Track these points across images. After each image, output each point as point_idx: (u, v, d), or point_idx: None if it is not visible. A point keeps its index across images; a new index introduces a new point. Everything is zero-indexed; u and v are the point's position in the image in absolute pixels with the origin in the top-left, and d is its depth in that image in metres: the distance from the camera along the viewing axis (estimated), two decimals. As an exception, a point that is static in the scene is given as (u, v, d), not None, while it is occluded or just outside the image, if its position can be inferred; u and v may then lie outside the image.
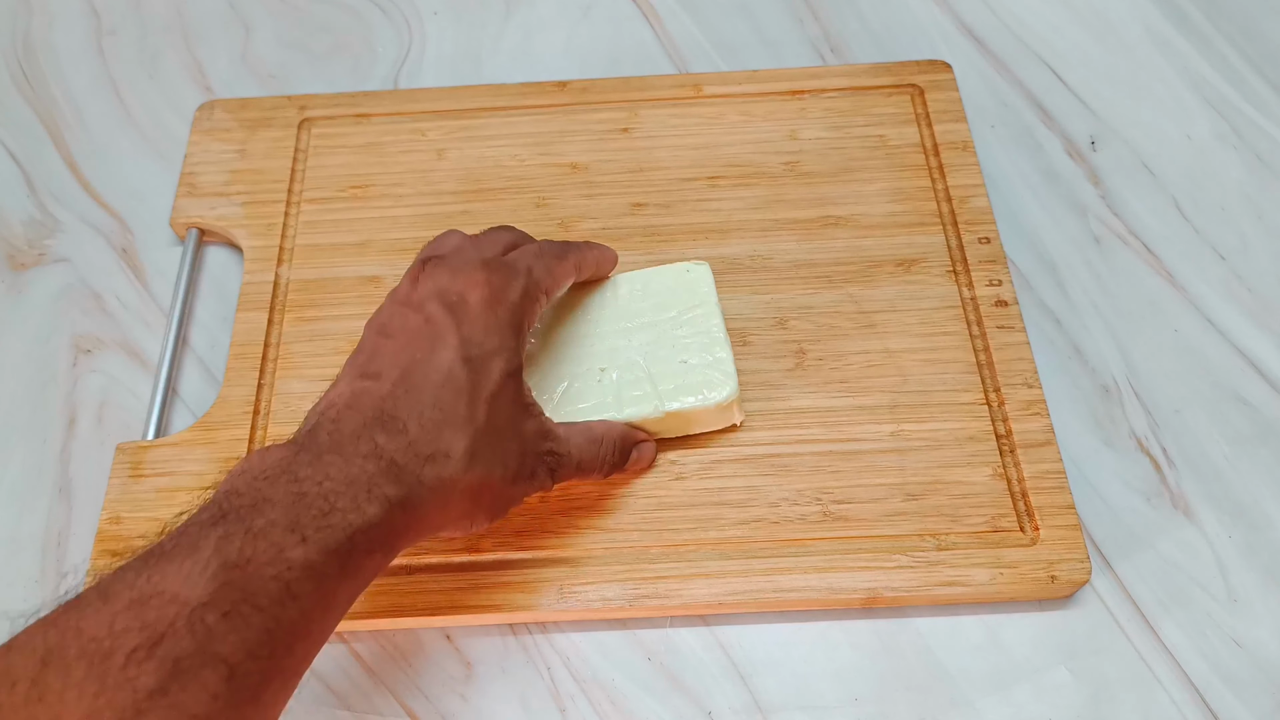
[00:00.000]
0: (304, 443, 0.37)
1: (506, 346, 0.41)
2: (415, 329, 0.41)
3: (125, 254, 0.59)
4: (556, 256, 0.46)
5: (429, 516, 0.38)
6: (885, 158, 0.59)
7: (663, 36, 0.67)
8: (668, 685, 0.46)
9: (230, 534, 0.33)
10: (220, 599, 0.31)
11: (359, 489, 0.36)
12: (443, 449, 0.38)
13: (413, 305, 0.41)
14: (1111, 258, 0.57)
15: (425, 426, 0.38)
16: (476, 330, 0.41)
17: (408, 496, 0.37)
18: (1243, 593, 0.47)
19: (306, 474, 0.35)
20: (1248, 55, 0.64)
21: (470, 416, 0.39)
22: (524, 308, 0.43)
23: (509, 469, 0.41)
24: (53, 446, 0.53)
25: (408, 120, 0.61)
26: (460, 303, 0.41)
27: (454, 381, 0.39)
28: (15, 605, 0.48)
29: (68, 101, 0.65)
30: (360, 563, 0.36)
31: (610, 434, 0.46)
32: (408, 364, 0.40)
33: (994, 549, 0.47)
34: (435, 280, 0.42)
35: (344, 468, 0.36)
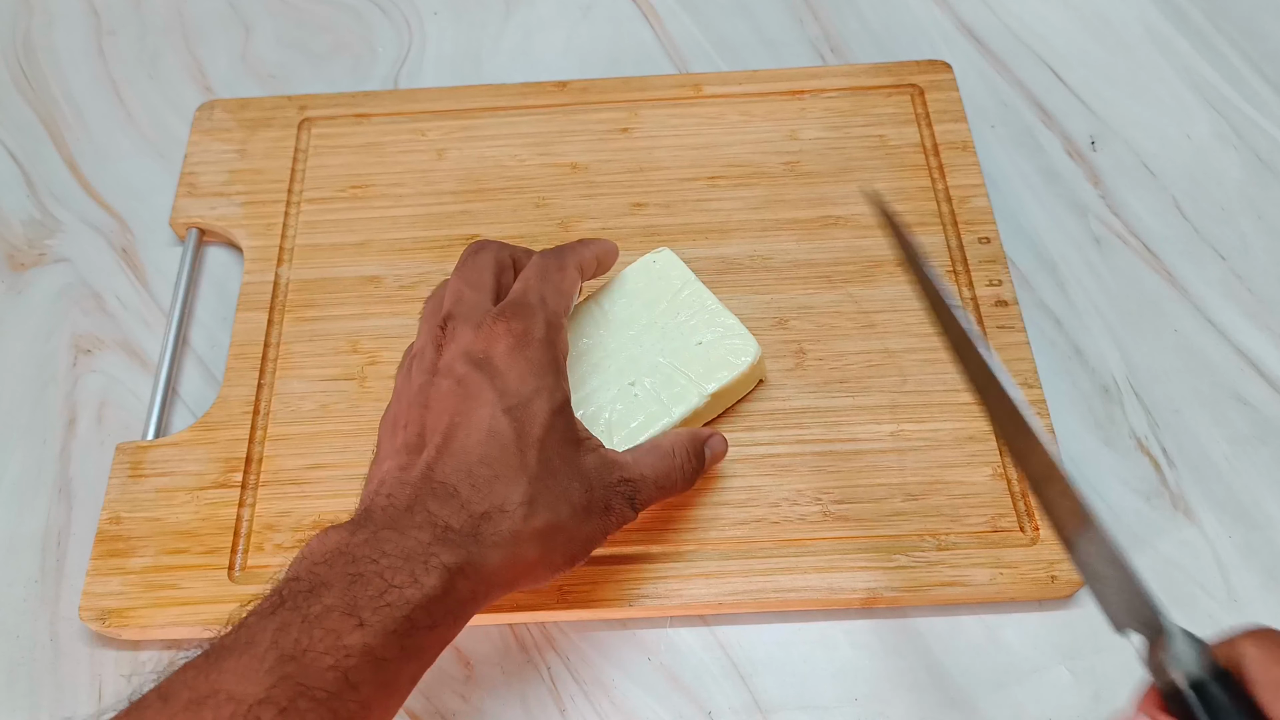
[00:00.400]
0: (360, 521, 0.37)
1: (545, 385, 0.41)
2: (449, 393, 0.40)
3: (125, 254, 0.59)
4: (559, 269, 0.45)
5: (495, 575, 0.37)
6: (885, 158, 0.59)
7: (663, 36, 0.67)
8: (668, 685, 0.46)
9: (287, 623, 0.32)
10: (277, 695, 0.31)
11: (415, 562, 0.35)
12: (497, 504, 0.38)
13: (442, 372, 0.41)
14: (1111, 258, 0.57)
15: (476, 485, 0.38)
16: (511, 379, 0.40)
17: (468, 561, 0.36)
18: (1243, 593, 0.47)
19: (363, 553, 0.35)
20: (1248, 55, 0.64)
21: (521, 464, 0.39)
22: (551, 339, 0.42)
23: (576, 507, 0.40)
24: (53, 446, 0.53)
25: (408, 120, 0.61)
26: (488, 357, 0.41)
27: (498, 435, 0.39)
28: (15, 605, 0.48)
29: (68, 101, 0.65)
30: (422, 641, 0.35)
31: (680, 443, 0.45)
32: (448, 428, 0.39)
33: (994, 549, 0.47)
34: (459, 342, 0.42)
35: (399, 542, 0.35)
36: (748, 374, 0.49)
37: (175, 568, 0.47)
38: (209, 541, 0.48)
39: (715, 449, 0.47)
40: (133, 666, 0.47)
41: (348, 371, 0.53)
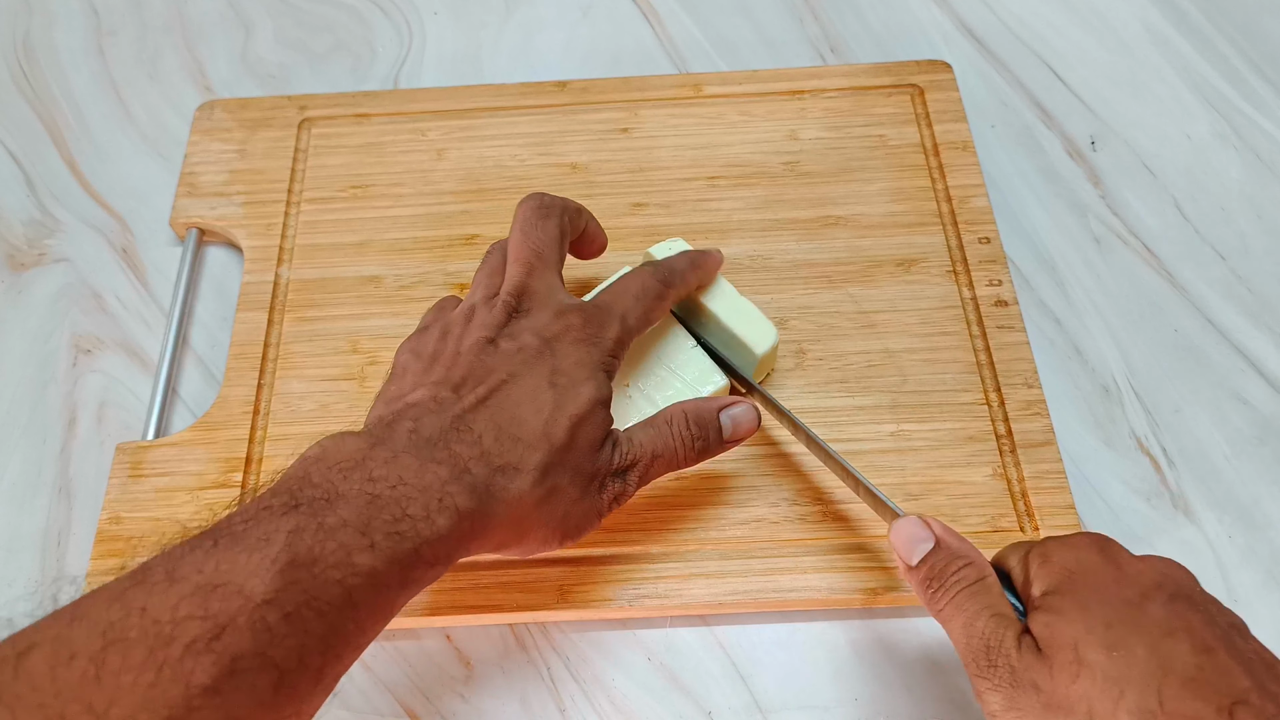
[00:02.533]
0: (381, 436, 0.37)
1: (596, 378, 0.42)
2: (507, 354, 0.41)
3: (125, 254, 0.59)
4: (658, 297, 0.46)
5: (493, 531, 0.38)
6: (885, 158, 0.59)
7: (663, 36, 0.67)
8: (668, 685, 0.46)
9: (302, 528, 0.32)
10: (284, 598, 0.31)
11: (431, 497, 0.35)
12: (514, 462, 0.38)
13: (508, 337, 0.42)
14: (1111, 258, 0.57)
15: (500, 440, 0.38)
16: (568, 362, 0.41)
17: (477, 508, 0.36)
18: (1243, 593, 0.47)
19: (381, 473, 0.35)
20: (1248, 55, 0.64)
21: (547, 434, 0.39)
22: (616, 351, 0.43)
23: (581, 489, 0.41)
24: (53, 446, 0.53)
25: (408, 120, 0.61)
26: (555, 339, 0.42)
27: (537, 401, 0.40)
28: (15, 605, 0.48)
29: (68, 101, 0.65)
30: (420, 574, 0.35)
31: (679, 409, 0.44)
32: (495, 384, 0.40)
33: (994, 549, 0.46)
34: (533, 319, 0.43)
35: (419, 472, 0.36)
36: (765, 359, 0.49)
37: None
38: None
39: (739, 421, 0.45)
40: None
41: (348, 371, 0.53)
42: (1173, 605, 0.34)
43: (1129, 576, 0.35)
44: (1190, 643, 0.32)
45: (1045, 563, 0.36)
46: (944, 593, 0.37)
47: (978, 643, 0.35)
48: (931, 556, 0.38)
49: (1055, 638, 0.34)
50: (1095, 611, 0.34)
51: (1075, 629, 0.33)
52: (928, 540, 0.39)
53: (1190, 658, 0.32)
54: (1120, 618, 0.33)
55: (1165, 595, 0.34)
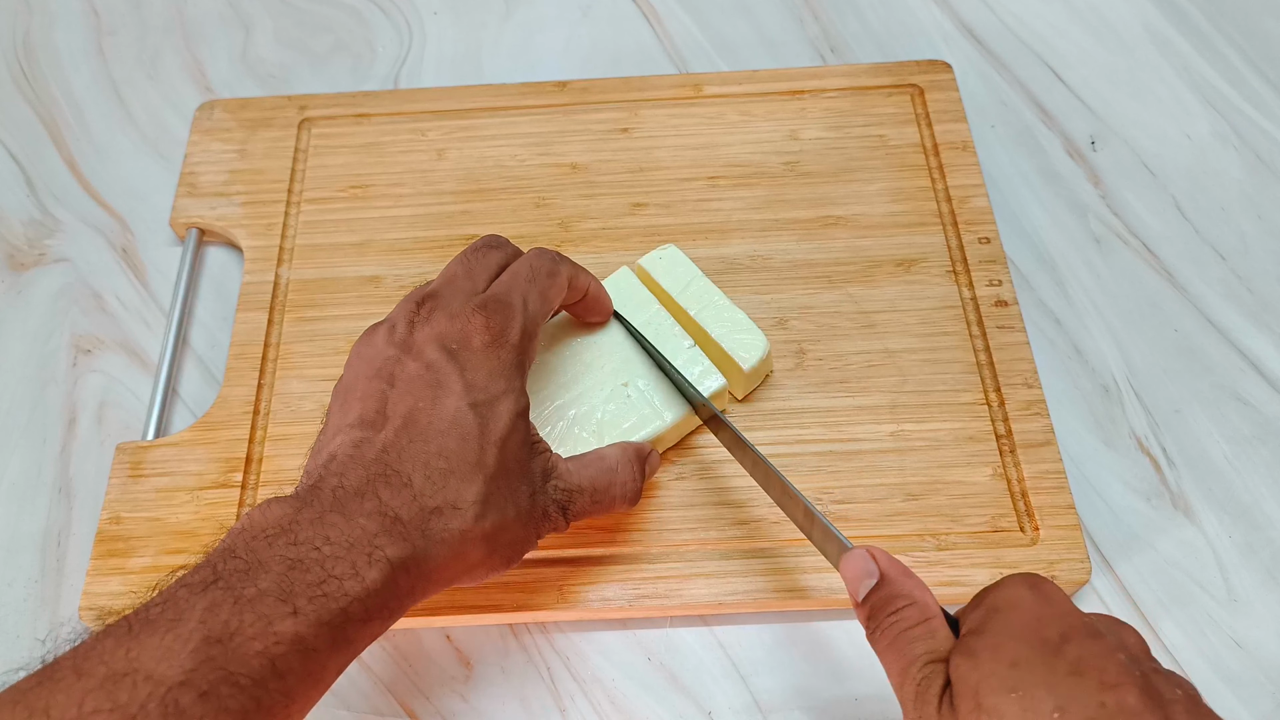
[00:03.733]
0: (307, 498, 0.36)
1: (513, 388, 0.40)
2: (416, 375, 0.39)
3: (125, 254, 0.59)
4: (550, 275, 0.44)
5: (437, 572, 0.37)
6: (885, 158, 0.59)
7: (663, 36, 0.67)
8: (668, 685, 0.46)
9: (217, 603, 0.31)
10: (198, 678, 0.30)
11: (358, 552, 0.34)
12: (450, 500, 0.37)
13: (412, 351, 0.40)
14: (1111, 258, 0.57)
15: (431, 477, 0.37)
16: (481, 375, 0.40)
17: (412, 555, 0.35)
18: (1243, 593, 0.47)
19: (306, 535, 0.34)
20: (1248, 55, 0.64)
21: (480, 462, 0.38)
22: (524, 346, 0.42)
23: (521, 511, 0.39)
24: (53, 446, 0.53)
25: (408, 120, 0.61)
26: (462, 348, 0.40)
27: (461, 427, 0.38)
28: (15, 605, 0.48)
29: (68, 101, 0.65)
30: (354, 633, 0.34)
31: (625, 456, 0.44)
32: (410, 411, 0.38)
33: (994, 549, 0.47)
34: (433, 325, 0.41)
35: (345, 528, 0.34)
36: (756, 368, 0.49)
37: (175, 568, 0.46)
38: (209, 541, 0.47)
39: (653, 465, 0.46)
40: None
41: (348, 371, 0.53)
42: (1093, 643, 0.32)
43: (1057, 615, 0.33)
44: (1097, 681, 0.30)
45: (977, 604, 0.35)
46: (883, 633, 0.35)
47: (910, 689, 0.33)
48: (875, 593, 0.36)
49: (961, 684, 0.32)
50: (1004, 651, 0.32)
51: (980, 673, 0.31)
52: (873, 575, 0.36)
53: (1092, 696, 0.30)
54: (1028, 657, 0.31)
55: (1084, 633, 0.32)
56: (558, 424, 0.47)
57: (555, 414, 0.47)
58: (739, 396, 0.51)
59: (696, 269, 0.51)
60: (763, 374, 0.51)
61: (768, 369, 0.51)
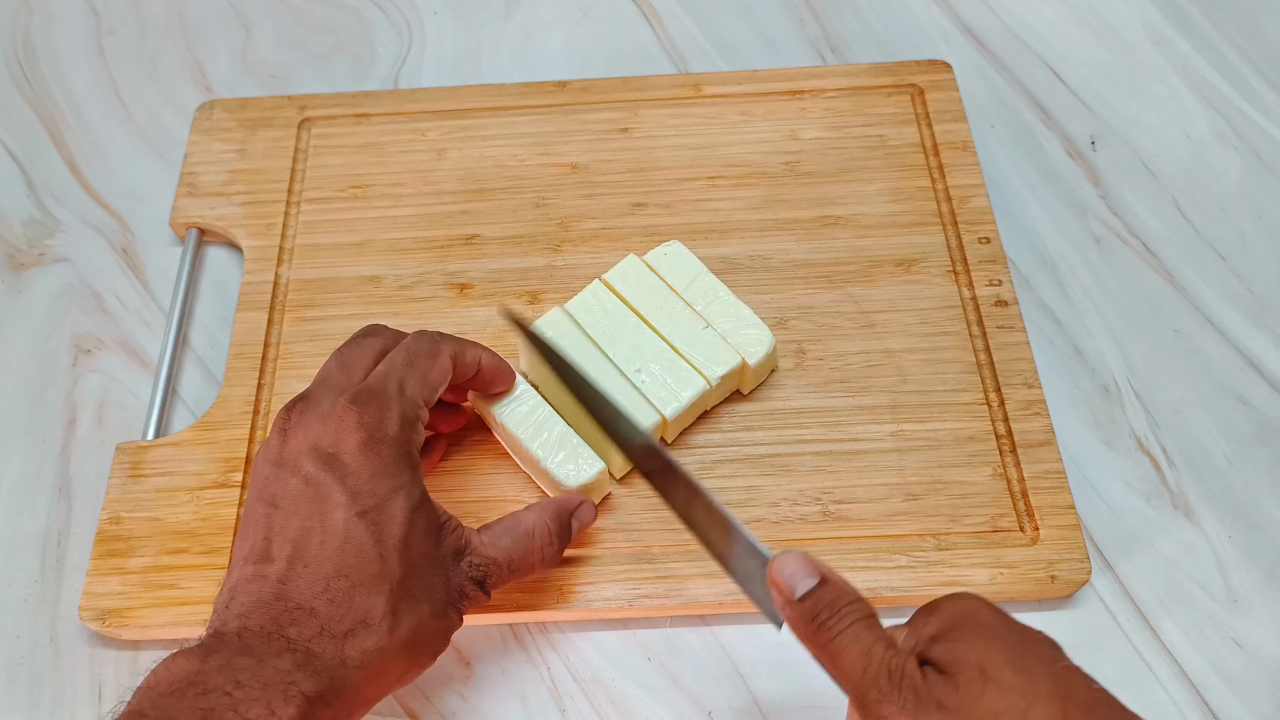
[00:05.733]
0: (212, 645, 0.34)
1: (401, 483, 0.38)
2: (296, 493, 0.37)
3: (125, 254, 0.59)
4: (430, 355, 0.42)
5: (360, 694, 0.36)
6: (885, 158, 0.59)
7: (663, 36, 0.67)
8: (668, 685, 0.46)
9: None
10: None
11: (273, 691, 0.33)
12: (359, 619, 0.36)
13: (288, 466, 0.38)
14: (1111, 258, 0.57)
15: (334, 600, 0.36)
16: (364, 479, 0.38)
17: (330, 686, 0.34)
18: (1243, 593, 0.47)
19: (216, 683, 0.33)
20: (1248, 55, 0.64)
21: (382, 572, 0.36)
22: (406, 436, 0.39)
23: (437, 604, 0.38)
24: (53, 446, 0.53)
25: (408, 120, 0.61)
26: (336, 454, 0.38)
27: (354, 541, 0.36)
28: (15, 605, 0.48)
29: (68, 101, 0.65)
30: None
31: (542, 519, 0.43)
32: (298, 535, 0.37)
33: (994, 549, 0.47)
34: (305, 431, 0.39)
35: (256, 671, 0.33)
36: (763, 363, 0.49)
37: (175, 568, 0.47)
38: (209, 541, 0.48)
39: (583, 518, 0.45)
40: (132, 666, 0.47)
41: (348, 371, 0.53)
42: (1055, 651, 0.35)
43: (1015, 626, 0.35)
44: (1083, 678, 0.34)
45: (935, 611, 0.36)
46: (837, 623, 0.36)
47: (878, 668, 0.34)
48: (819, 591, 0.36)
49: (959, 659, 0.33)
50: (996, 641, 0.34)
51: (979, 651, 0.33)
52: (813, 576, 0.36)
53: (1085, 690, 0.33)
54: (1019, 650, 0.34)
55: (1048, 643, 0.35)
56: None
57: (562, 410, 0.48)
58: (744, 392, 0.51)
59: (701, 265, 0.52)
60: (768, 369, 0.51)
61: (772, 365, 0.51)
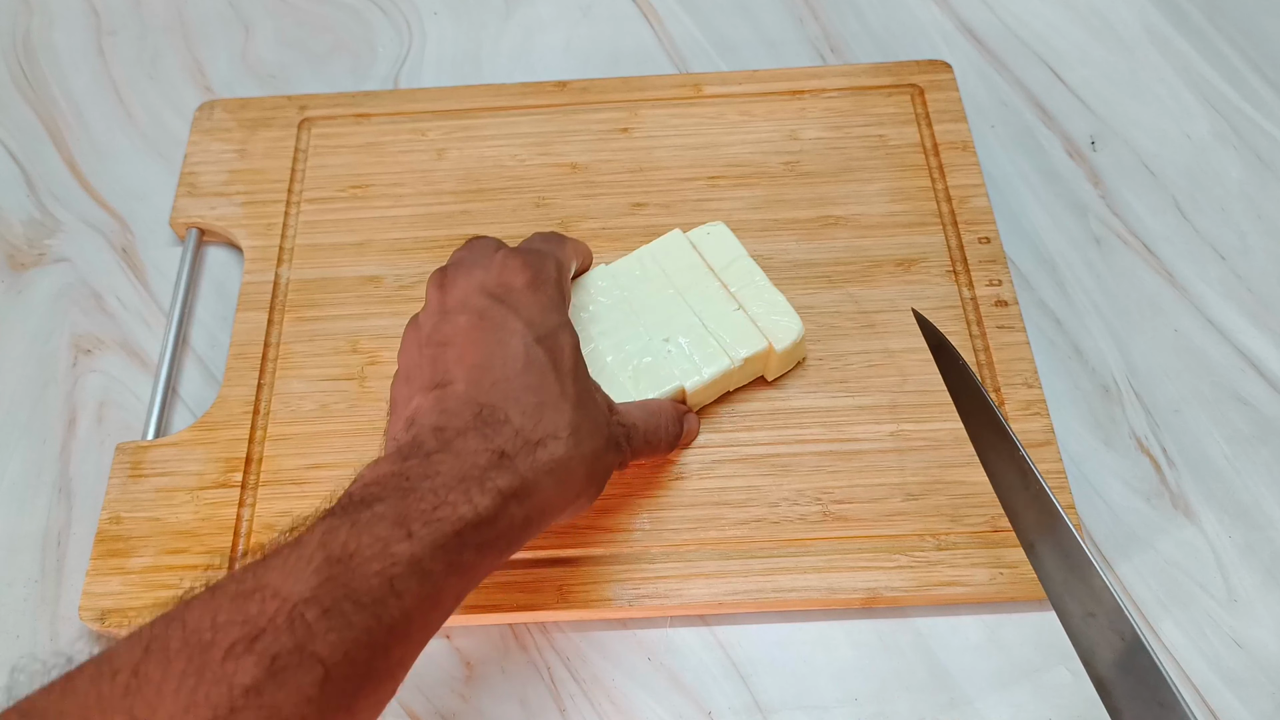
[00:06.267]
0: (409, 451, 0.37)
1: (565, 321, 0.42)
2: (471, 327, 0.40)
3: (125, 254, 0.59)
4: (559, 239, 0.48)
5: (548, 502, 0.38)
6: (885, 158, 0.59)
7: (663, 36, 0.67)
8: (668, 685, 0.46)
9: (335, 527, 0.33)
10: (322, 594, 0.31)
11: (470, 482, 0.35)
12: (550, 431, 0.38)
13: (455, 309, 0.41)
14: (1111, 258, 0.57)
15: (526, 412, 0.38)
16: (535, 311, 0.41)
17: (522, 486, 0.37)
18: (1243, 593, 0.47)
19: (418, 473, 0.35)
20: (1248, 55, 0.64)
21: (563, 393, 0.39)
22: (562, 283, 0.44)
23: (602, 437, 0.41)
24: (53, 446, 0.53)
25: (408, 120, 0.61)
26: (508, 291, 0.41)
27: (536, 364, 0.39)
28: (15, 605, 0.48)
29: (68, 101, 0.65)
30: (470, 559, 0.35)
31: (665, 408, 0.47)
32: (481, 360, 0.39)
33: (994, 549, 0.47)
34: (468, 279, 0.42)
35: (454, 464, 0.36)
36: (790, 351, 0.49)
37: (175, 568, 0.47)
38: (209, 541, 0.48)
39: (690, 425, 0.49)
40: (133, 666, 0.47)
41: (348, 371, 0.53)
42: None
43: None
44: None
45: None
46: None
47: None
48: None
49: None
50: None
51: None
52: None
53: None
54: None
55: None
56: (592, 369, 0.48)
57: (591, 358, 0.48)
58: (769, 379, 0.51)
59: (742, 249, 0.52)
60: (795, 359, 0.51)
61: (800, 354, 0.51)
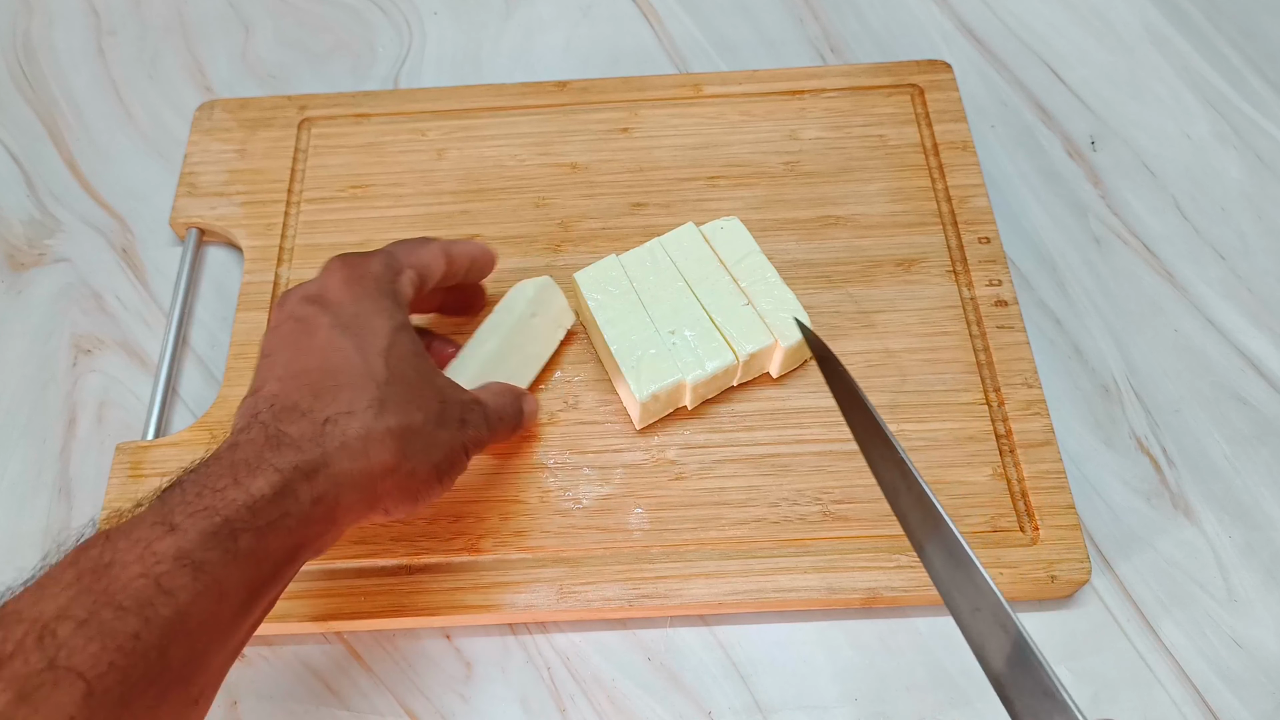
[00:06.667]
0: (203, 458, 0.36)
1: (382, 307, 0.41)
2: (287, 331, 0.40)
3: (125, 254, 0.59)
4: (420, 240, 0.46)
5: (349, 477, 0.36)
6: (885, 158, 0.59)
7: (663, 36, 0.67)
8: (668, 685, 0.46)
9: (89, 544, 0.31)
10: (75, 607, 0.29)
11: (241, 467, 0.34)
12: (343, 408, 0.37)
13: (280, 321, 0.41)
14: (1111, 258, 0.57)
15: (319, 394, 0.37)
16: (346, 304, 0.40)
17: (309, 461, 0.35)
18: (1243, 593, 0.47)
19: (188, 477, 0.34)
20: (1248, 55, 0.64)
21: (367, 371, 0.38)
22: (388, 278, 0.42)
23: (430, 414, 0.39)
24: (53, 446, 0.53)
25: (408, 120, 0.61)
26: (323, 292, 0.41)
27: (337, 348, 0.39)
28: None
29: (68, 101, 0.65)
30: (250, 543, 0.33)
31: (505, 388, 0.47)
32: (290, 361, 0.39)
33: (994, 549, 0.47)
34: (297, 292, 0.42)
35: (229, 456, 0.35)
36: (796, 348, 0.49)
37: None
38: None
39: (530, 406, 0.48)
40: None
41: (348, 371, 0.53)
42: None
43: None
44: None
45: None
46: None
47: None
48: None
49: None
50: None
51: None
52: None
53: None
54: None
55: None
56: None
57: None
58: (774, 375, 0.51)
59: (754, 244, 0.52)
60: (802, 356, 0.51)
61: (807, 353, 0.51)
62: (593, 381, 0.52)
